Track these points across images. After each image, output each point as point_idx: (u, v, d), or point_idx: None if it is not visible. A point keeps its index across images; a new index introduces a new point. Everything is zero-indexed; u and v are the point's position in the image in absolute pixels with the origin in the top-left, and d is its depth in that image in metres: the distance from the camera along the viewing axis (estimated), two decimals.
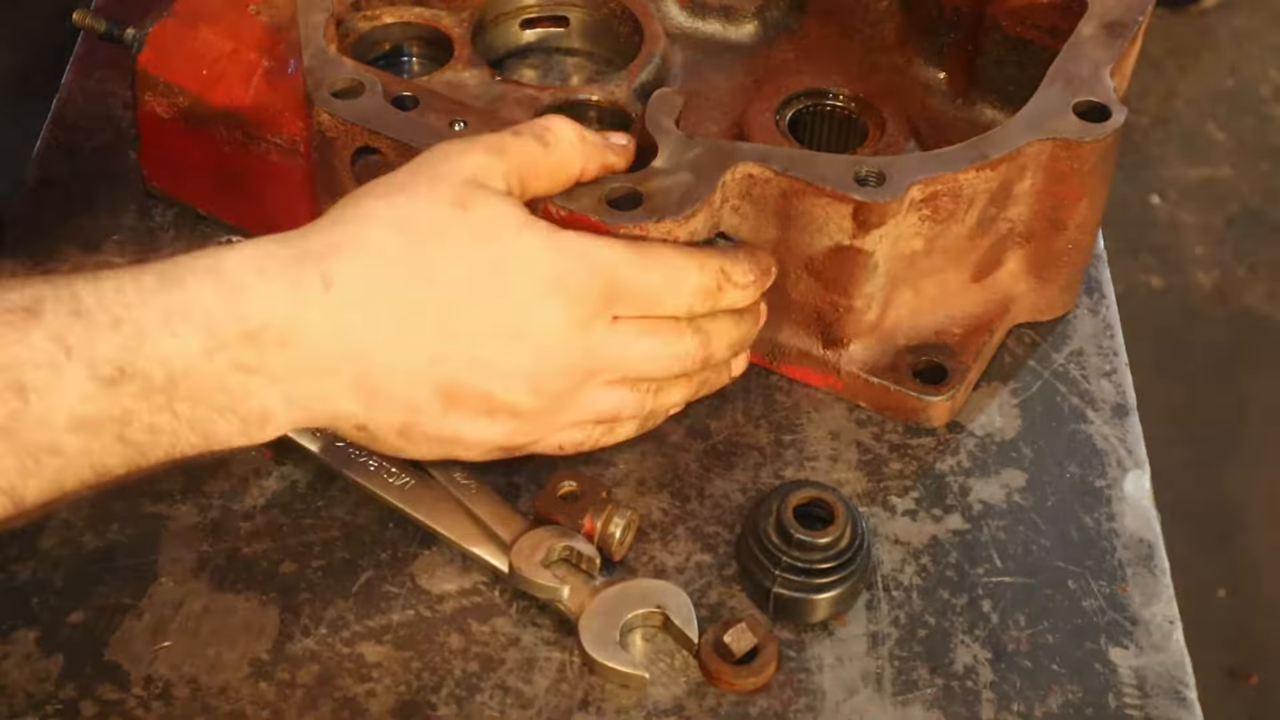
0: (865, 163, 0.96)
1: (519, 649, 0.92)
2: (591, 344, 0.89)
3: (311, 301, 0.82)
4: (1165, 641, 0.94)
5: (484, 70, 1.12)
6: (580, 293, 0.88)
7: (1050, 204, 1.02)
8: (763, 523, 0.93)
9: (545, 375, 0.88)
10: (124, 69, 1.11)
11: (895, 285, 1.01)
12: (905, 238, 0.98)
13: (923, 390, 1.02)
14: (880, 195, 0.95)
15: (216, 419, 0.82)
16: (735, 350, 0.98)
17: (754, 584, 0.94)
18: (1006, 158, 0.97)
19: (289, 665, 0.90)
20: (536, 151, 0.91)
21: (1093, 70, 1.02)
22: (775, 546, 0.92)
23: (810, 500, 0.93)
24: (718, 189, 0.95)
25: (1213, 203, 2.89)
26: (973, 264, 1.03)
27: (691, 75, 1.17)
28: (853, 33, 1.19)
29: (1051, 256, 1.05)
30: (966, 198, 0.98)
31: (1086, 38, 1.04)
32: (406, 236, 0.85)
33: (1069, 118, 0.99)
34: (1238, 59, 3.19)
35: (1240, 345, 2.67)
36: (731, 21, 1.20)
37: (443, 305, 0.85)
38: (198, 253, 0.82)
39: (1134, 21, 1.05)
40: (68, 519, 0.96)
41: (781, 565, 0.92)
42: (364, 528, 0.97)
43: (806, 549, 0.92)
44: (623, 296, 0.89)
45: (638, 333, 0.91)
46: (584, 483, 0.96)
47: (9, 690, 0.88)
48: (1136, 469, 1.03)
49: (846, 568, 0.92)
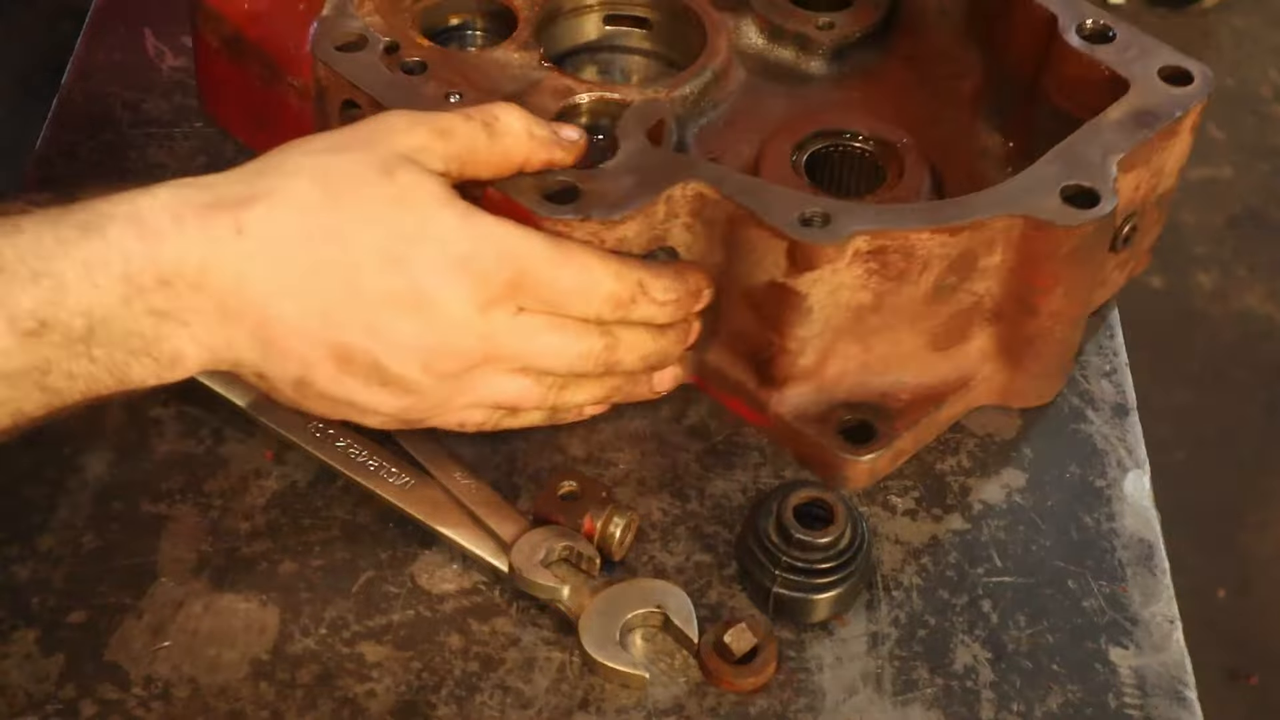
0: (815, 203, 0.93)
1: (519, 649, 0.92)
2: (491, 330, 0.89)
3: (222, 248, 0.83)
4: (1165, 641, 0.94)
5: (534, 54, 1.12)
6: (486, 276, 0.87)
7: (1021, 286, 0.97)
8: (763, 523, 0.93)
9: (439, 354, 0.88)
10: (124, 69, 1.11)
11: (839, 336, 0.97)
12: (849, 288, 0.94)
13: (843, 448, 0.98)
14: (816, 237, 0.92)
15: (131, 362, 0.83)
16: (648, 364, 0.97)
17: (754, 584, 0.94)
18: (969, 226, 0.93)
19: (289, 665, 0.90)
20: (481, 139, 0.92)
21: (1101, 155, 0.97)
22: (775, 546, 0.92)
23: (810, 500, 0.93)
24: (660, 201, 0.94)
25: (1213, 203, 2.89)
26: (930, 331, 0.99)
27: (748, 96, 1.14)
28: (930, 83, 1.15)
29: (1022, 341, 1.00)
30: (920, 259, 0.94)
31: (1110, 122, 0.99)
32: (325, 192, 0.86)
33: (1052, 198, 0.94)
34: (1238, 59, 3.19)
35: (1240, 345, 2.67)
36: (805, 52, 1.16)
37: (347, 266, 0.85)
38: (116, 198, 0.83)
39: (1169, 114, 1.00)
40: (68, 519, 0.96)
41: (781, 565, 0.92)
42: (364, 528, 0.97)
43: (806, 549, 0.92)
44: (530, 289, 0.89)
45: (540, 326, 0.90)
46: (584, 483, 0.96)
47: (9, 690, 0.88)
48: (1136, 469, 1.03)
49: (846, 568, 0.92)
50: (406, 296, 0.86)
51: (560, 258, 0.90)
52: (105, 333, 0.81)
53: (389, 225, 0.86)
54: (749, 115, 1.13)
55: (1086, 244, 0.94)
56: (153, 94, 1.23)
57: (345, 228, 0.86)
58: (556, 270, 0.90)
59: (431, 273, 0.87)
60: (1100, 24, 1.04)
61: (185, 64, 1.25)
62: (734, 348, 1.01)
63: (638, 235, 0.95)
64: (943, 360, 1.01)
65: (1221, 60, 3.18)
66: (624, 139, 0.99)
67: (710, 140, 1.11)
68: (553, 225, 0.92)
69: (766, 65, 1.17)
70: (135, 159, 1.18)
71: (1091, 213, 0.94)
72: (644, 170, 0.96)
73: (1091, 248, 0.95)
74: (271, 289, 0.84)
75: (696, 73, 1.12)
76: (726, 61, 1.14)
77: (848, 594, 0.93)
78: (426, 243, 0.87)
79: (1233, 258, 2.80)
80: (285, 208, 0.85)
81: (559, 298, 0.90)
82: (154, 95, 1.23)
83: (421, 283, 0.86)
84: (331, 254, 0.85)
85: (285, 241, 0.85)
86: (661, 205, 0.95)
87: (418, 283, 0.86)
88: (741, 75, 1.15)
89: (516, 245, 0.89)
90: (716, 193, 0.94)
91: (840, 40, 1.16)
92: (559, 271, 0.90)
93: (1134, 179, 1.00)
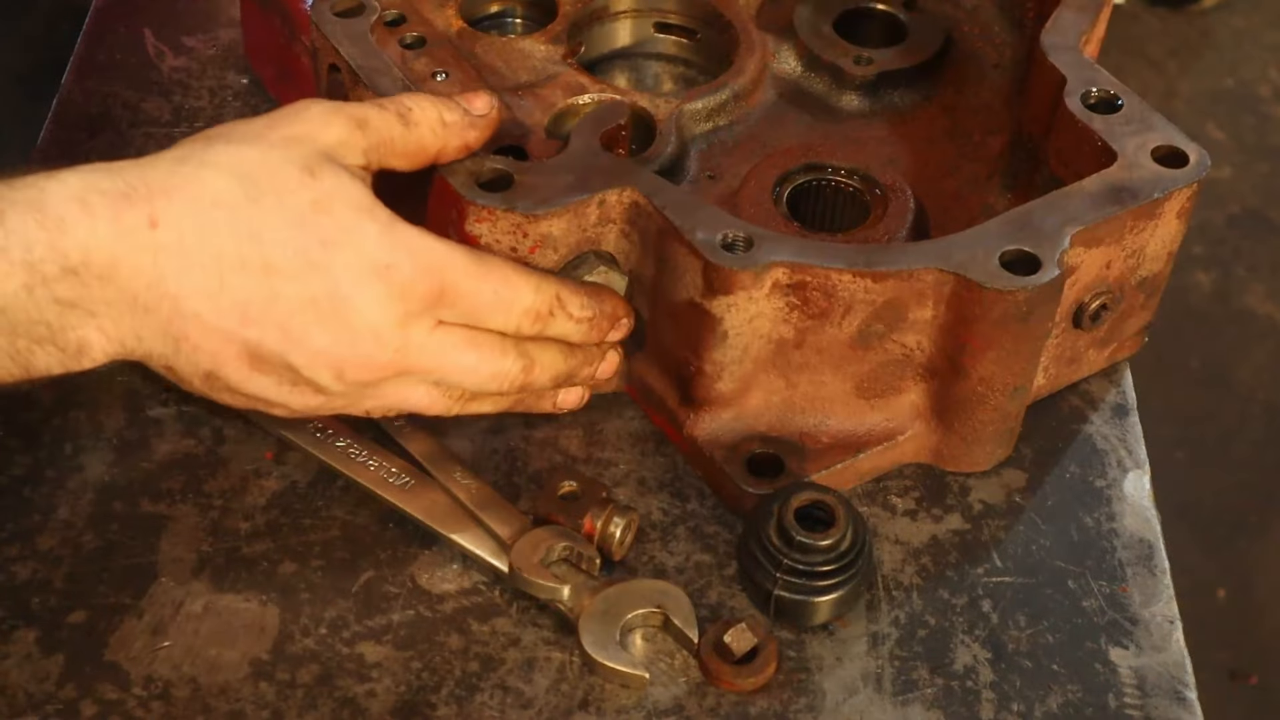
0: (743, 228, 0.92)
1: (519, 649, 0.92)
2: (408, 343, 0.88)
3: (135, 240, 0.82)
4: (1165, 641, 0.94)
5: (560, 48, 1.12)
6: (406, 288, 0.86)
7: (953, 345, 0.94)
8: (763, 525, 0.93)
9: (353, 364, 0.87)
10: (124, 69, 1.11)
11: (761, 367, 0.96)
12: (769, 319, 0.93)
13: (746, 479, 0.96)
14: (732, 262, 0.90)
15: (36, 349, 0.82)
16: (558, 382, 0.96)
17: (755, 586, 0.94)
18: (894, 275, 0.91)
19: (289, 665, 0.90)
20: (396, 129, 0.91)
21: (1058, 225, 0.93)
22: (776, 549, 0.92)
23: (811, 502, 0.93)
24: (593, 203, 0.94)
25: (1213, 203, 2.89)
26: (857, 377, 0.97)
27: (769, 120, 1.13)
28: (961, 135, 1.13)
29: (954, 402, 0.97)
30: (843, 301, 0.92)
31: (1081, 192, 0.95)
32: (245, 189, 0.84)
33: (990, 261, 0.91)
34: (1238, 59, 3.19)
35: (1240, 345, 2.67)
36: (839, 85, 1.14)
37: (265, 267, 0.84)
38: (20, 182, 0.81)
39: (1148, 194, 0.95)
40: (68, 519, 0.96)
41: (782, 568, 0.92)
42: (364, 528, 0.97)
43: (807, 551, 0.92)
44: (450, 301, 0.88)
45: (460, 344, 0.89)
46: (584, 483, 0.96)
47: (9, 690, 0.88)
48: (1136, 469, 1.03)
49: (847, 570, 0.92)
50: (324, 303, 0.85)
51: (481, 270, 0.89)
52: (7, 320, 0.80)
53: (309, 230, 0.85)
54: (762, 138, 1.12)
55: (1020, 312, 0.91)
56: (153, 94, 1.23)
57: (265, 228, 0.84)
58: (477, 283, 0.88)
59: (350, 281, 0.85)
60: (1108, 93, 1.01)
61: (185, 64, 1.25)
62: (661, 363, 1.00)
63: (564, 234, 0.94)
64: (871, 410, 0.98)
65: (1221, 60, 3.18)
66: (575, 137, 0.99)
67: (716, 156, 1.10)
68: (476, 212, 0.92)
69: (799, 92, 1.15)
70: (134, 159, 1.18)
71: (1027, 280, 0.90)
72: (584, 170, 0.96)
73: (1027, 316, 0.91)
74: (186, 286, 0.83)
75: (714, 89, 1.12)
76: (752, 82, 1.13)
77: (849, 596, 0.93)
78: (346, 250, 0.85)
79: (1233, 258, 2.80)
80: (203, 202, 0.83)
81: (478, 310, 0.89)
82: (154, 95, 1.23)
83: (340, 290, 0.85)
84: (249, 254, 0.84)
85: (202, 238, 0.83)
86: (594, 208, 0.94)
87: (336, 290, 0.85)
88: (770, 98, 1.14)
89: (437, 257, 0.87)
90: (649, 204, 0.94)
91: (876, 78, 1.14)
92: (479, 284, 0.88)
93: (1102, 255, 0.96)
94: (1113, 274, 0.98)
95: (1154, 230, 0.97)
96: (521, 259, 0.94)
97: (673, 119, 1.08)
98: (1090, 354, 1.04)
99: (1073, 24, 1.05)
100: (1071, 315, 0.99)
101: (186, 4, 1.28)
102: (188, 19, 1.26)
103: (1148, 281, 1.02)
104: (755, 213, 1.02)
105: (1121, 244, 0.97)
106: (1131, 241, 0.97)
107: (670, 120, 1.08)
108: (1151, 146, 0.98)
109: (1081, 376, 1.06)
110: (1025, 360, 0.95)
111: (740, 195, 1.04)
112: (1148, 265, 1.00)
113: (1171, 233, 0.99)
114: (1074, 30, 1.05)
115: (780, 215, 1.03)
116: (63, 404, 1.02)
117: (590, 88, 1.09)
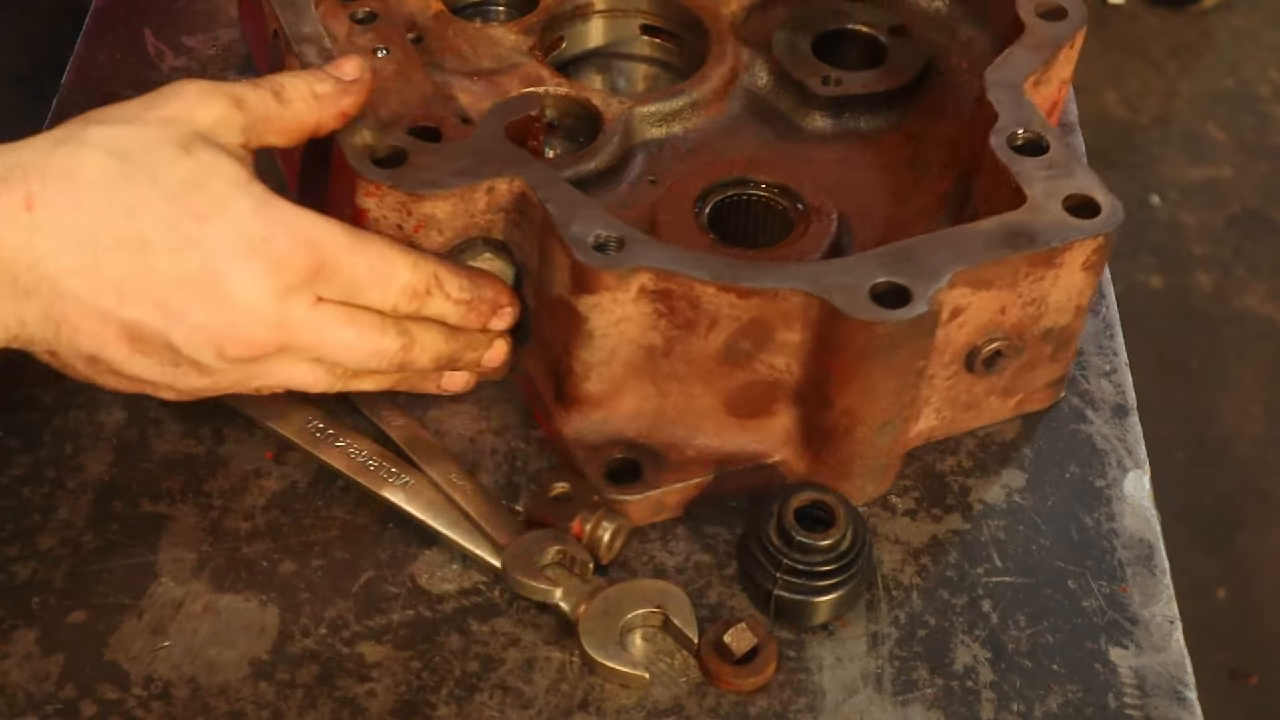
0: (619, 230, 0.91)
1: (519, 649, 0.92)
2: (287, 319, 0.87)
3: (13, 222, 0.82)
4: (1165, 641, 0.94)
5: (530, 39, 1.13)
6: (282, 262, 0.86)
7: (819, 372, 0.92)
8: (763, 525, 0.93)
9: (233, 340, 0.86)
10: (124, 69, 1.11)
11: (632, 372, 0.95)
12: (636, 324, 0.92)
13: (600, 481, 0.96)
14: (595, 262, 0.89)
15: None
16: (440, 364, 0.96)
17: (755, 586, 0.94)
18: (759, 293, 0.89)
19: (289, 665, 0.90)
20: (272, 107, 0.92)
21: (942, 263, 0.90)
22: (776, 549, 0.92)
23: (811, 502, 0.93)
24: (480, 190, 0.94)
25: (1213, 203, 2.89)
26: (726, 393, 0.95)
27: (728, 131, 1.12)
28: (920, 165, 1.11)
29: (820, 432, 0.95)
30: (708, 314, 0.91)
31: (975, 231, 0.92)
32: (120, 166, 0.84)
33: (860, 290, 0.88)
34: (1238, 59, 3.19)
35: (1240, 345, 2.67)
36: (804, 103, 1.13)
37: (141, 244, 0.83)
38: None
39: (1045, 241, 0.92)
40: (68, 519, 0.96)
41: (782, 568, 0.92)
42: (364, 528, 0.97)
43: (807, 551, 0.92)
44: (328, 277, 0.87)
45: (338, 320, 0.89)
46: (577, 484, 0.96)
47: (9, 690, 0.88)
48: (1136, 469, 1.03)
49: (847, 570, 0.92)
50: (200, 279, 0.84)
51: (358, 245, 0.88)
52: None
53: (184, 205, 0.84)
54: (715, 149, 1.11)
55: (883, 345, 0.88)
56: None
57: (139, 205, 0.83)
58: (354, 257, 0.88)
59: (225, 256, 0.85)
60: (1036, 136, 0.98)
61: (185, 64, 1.25)
62: (542, 357, 1.00)
63: (449, 217, 0.95)
64: (742, 430, 0.97)
65: (1221, 60, 3.18)
66: (482, 124, 1.00)
67: (665, 161, 1.10)
68: (365, 186, 0.93)
69: (766, 107, 1.14)
70: None
71: (892, 313, 0.87)
72: (480, 156, 0.96)
73: (892, 351, 0.89)
74: (63, 266, 0.83)
75: (671, 95, 1.12)
76: (715, 92, 1.13)
77: (848, 596, 0.93)
78: (221, 224, 0.85)
79: (1233, 258, 2.80)
80: (78, 181, 0.83)
81: (356, 285, 0.89)
82: None
83: (215, 265, 0.84)
84: (124, 231, 0.83)
85: (77, 217, 0.83)
86: (482, 194, 0.95)
87: (212, 265, 0.84)
88: (736, 109, 1.14)
89: (313, 231, 0.87)
90: (534, 197, 0.94)
91: (838, 98, 1.12)
92: (356, 259, 0.88)
93: (994, 299, 0.93)
94: (1009, 320, 0.95)
95: (1055, 280, 0.94)
96: (406, 238, 0.95)
97: (621, 120, 1.09)
98: (992, 401, 1.01)
99: (1022, 63, 1.03)
100: (963, 358, 0.96)
101: (186, 4, 1.28)
102: (188, 19, 1.26)
103: (1054, 333, 0.98)
104: (671, 219, 1.02)
105: (1016, 290, 0.93)
106: (1029, 289, 0.94)
107: (618, 121, 1.09)
108: (1065, 194, 0.94)
109: (985, 424, 1.03)
110: (891, 396, 0.92)
111: (661, 203, 1.04)
112: (1052, 316, 0.97)
113: (1077, 285, 0.95)
114: (1022, 69, 1.03)
115: (698, 226, 1.02)
116: (63, 404, 1.02)
117: (548, 80, 1.10)
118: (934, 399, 0.98)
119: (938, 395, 0.98)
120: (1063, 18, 1.07)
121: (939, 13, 1.21)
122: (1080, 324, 1.00)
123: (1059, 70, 1.07)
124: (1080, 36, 1.07)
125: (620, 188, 1.08)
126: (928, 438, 1.01)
